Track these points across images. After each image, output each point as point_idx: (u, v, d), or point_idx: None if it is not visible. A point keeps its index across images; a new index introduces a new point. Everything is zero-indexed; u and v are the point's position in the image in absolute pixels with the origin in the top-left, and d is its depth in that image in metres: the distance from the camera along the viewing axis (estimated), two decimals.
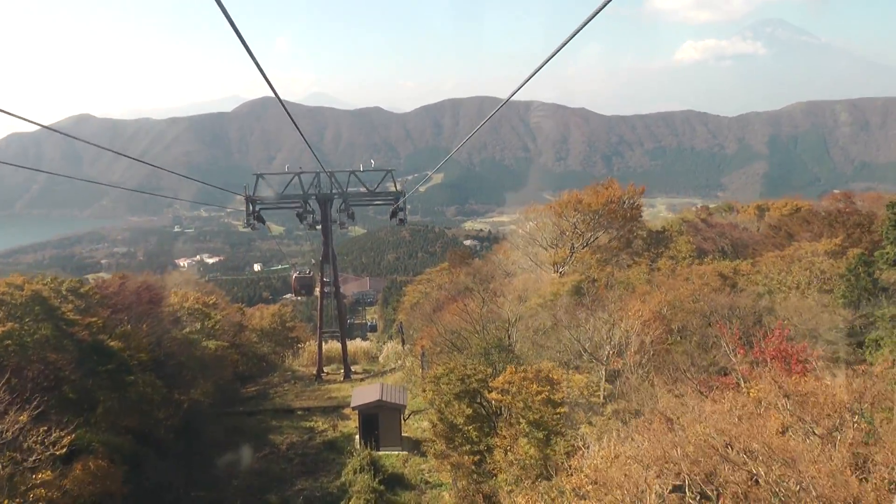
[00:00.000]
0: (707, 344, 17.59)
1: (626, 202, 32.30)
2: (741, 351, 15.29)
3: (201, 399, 29.71)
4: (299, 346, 50.23)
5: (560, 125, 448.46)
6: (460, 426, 17.93)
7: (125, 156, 16.66)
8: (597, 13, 5.20)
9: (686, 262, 27.93)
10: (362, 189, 41.42)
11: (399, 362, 40.09)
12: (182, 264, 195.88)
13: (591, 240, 30.50)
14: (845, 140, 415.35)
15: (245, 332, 46.10)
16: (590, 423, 16.16)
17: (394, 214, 40.55)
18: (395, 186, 40.58)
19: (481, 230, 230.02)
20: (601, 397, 16.86)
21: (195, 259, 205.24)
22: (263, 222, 42.26)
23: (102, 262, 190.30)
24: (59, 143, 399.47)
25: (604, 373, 18.70)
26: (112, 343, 18.34)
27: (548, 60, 6.31)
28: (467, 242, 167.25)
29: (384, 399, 23.39)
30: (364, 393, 24.94)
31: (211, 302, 31.42)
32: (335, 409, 30.30)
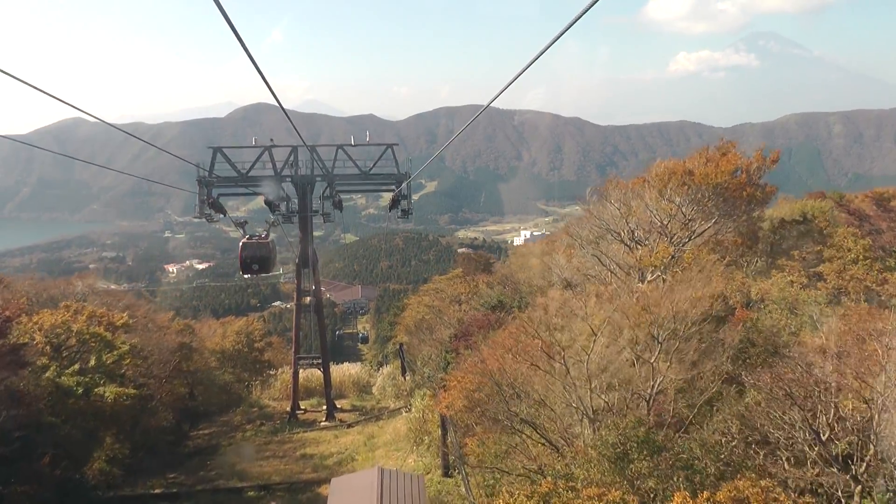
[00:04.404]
0: None
1: (753, 177, 21.55)
2: None
3: (103, 471, 19.52)
4: (271, 372, 40.13)
5: (554, 134, 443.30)
6: None
7: (136, 137, 12.64)
8: (577, 19, 5.06)
9: (861, 267, 18.20)
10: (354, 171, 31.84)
11: (401, 403, 29.73)
12: (171, 270, 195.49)
13: (698, 232, 19.68)
14: (839, 152, 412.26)
15: (202, 355, 36.04)
16: None
17: (395, 203, 31.17)
18: (398, 168, 31.17)
19: (475, 238, 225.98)
20: None
21: (185, 265, 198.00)
22: (224, 213, 32.78)
23: (91, 266, 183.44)
24: (50, 146, 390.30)
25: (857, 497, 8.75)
26: None
27: (530, 65, 6.07)
28: (461, 250, 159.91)
29: None
30: (349, 489, 14.42)
31: (119, 321, 20.46)
32: (306, 488, 20.01)
